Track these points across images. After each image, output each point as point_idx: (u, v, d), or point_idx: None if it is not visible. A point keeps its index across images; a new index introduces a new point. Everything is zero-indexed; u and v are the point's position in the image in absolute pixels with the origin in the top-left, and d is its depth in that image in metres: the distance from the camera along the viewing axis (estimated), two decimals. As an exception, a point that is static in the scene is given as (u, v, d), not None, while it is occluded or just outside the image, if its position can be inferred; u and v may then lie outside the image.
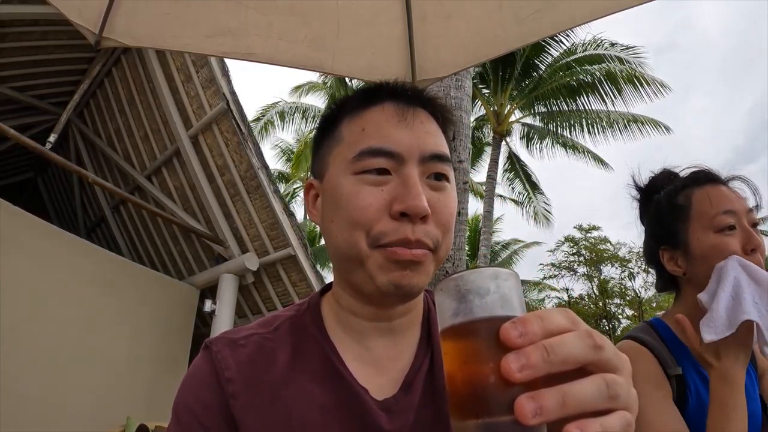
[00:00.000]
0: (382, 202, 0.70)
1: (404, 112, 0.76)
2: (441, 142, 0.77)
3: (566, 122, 14.20)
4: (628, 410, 0.41)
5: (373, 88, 0.81)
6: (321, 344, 0.78)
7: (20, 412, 4.41)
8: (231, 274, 6.52)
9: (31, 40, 6.09)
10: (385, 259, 0.69)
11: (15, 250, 4.77)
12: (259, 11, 1.79)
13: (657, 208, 1.27)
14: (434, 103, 0.81)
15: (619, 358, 0.43)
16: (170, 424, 0.76)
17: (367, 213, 0.70)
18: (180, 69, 6.15)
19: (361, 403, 0.72)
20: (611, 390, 0.40)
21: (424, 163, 0.73)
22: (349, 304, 0.79)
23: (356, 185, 0.72)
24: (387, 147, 0.72)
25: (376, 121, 0.76)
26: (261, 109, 17.50)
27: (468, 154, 3.61)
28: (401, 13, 1.88)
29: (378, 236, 0.69)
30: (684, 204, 1.20)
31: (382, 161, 0.72)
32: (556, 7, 1.70)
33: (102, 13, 1.63)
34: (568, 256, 24.90)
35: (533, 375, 0.39)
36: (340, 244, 0.73)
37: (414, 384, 0.75)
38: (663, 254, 1.24)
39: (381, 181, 0.71)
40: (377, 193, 0.71)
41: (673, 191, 1.25)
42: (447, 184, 0.75)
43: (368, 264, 0.70)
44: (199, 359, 0.79)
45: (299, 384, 0.74)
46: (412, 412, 0.73)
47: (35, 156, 7.32)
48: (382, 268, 0.69)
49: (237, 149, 6.01)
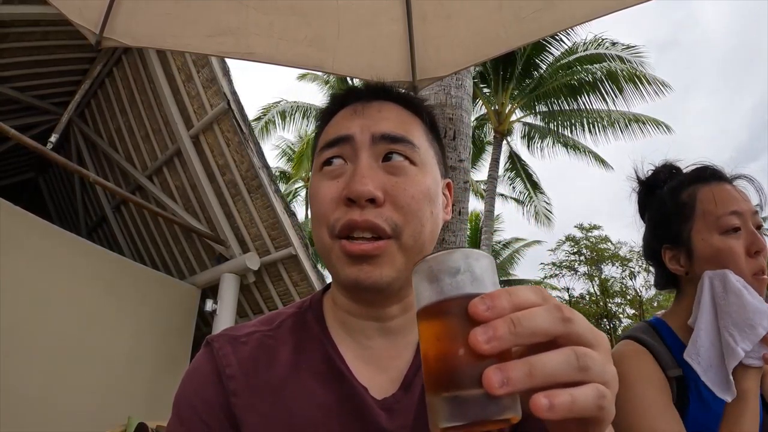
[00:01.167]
0: (337, 192, 0.72)
1: (361, 105, 0.79)
2: (400, 125, 0.77)
3: (567, 121, 14.20)
4: (604, 385, 0.41)
5: (341, 93, 0.84)
6: (322, 343, 0.78)
7: (21, 412, 4.41)
8: (232, 273, 6.52)
9: (32, 40, 6.09)
10: (342, 252, 0.70)
11: (16, 249, 4.77)
12: (259, 11, 1.79)
13: (660, 205, 1.24)
14: (395, 92, 0.83)
15: (594, 334, 0.43)
16: (171, 420, 0.76)
17: (324, 204, 0.73)
18: (181, 69, 6.15)
19: (362, 402, 0.72)
20: (581, 362, 0.40)
21: (375, 144, 0.74)
22: (344, 303, 0.79)
23: (320, 181, 0.75)
24: (338, 134, 0.75)
25: (337, 120, 0.80)
26: (262, 108, 17.53)
27: (468, 153, 3.60)
28: (401, 13, 1.88)
29: (333, 225, 0.71)
30: (688, 202, 1.17)
31: (335, 150, 0.75)
32: (557, 6, 1.70)
33: (102, 13, 1.63)
34: (568, 255, 24.91)
35: (500, 347, 0.39)
36: (315, 239, 0.77)
37: (413, 383, 0.75)
38: (665, 253, 1.21)
39: (338, 173, 0.74)
40: (334, 185, 0.73)
41: (677, 187, 1.21)
42: (409, 167, 0.75)
43: (332, 257, 0.72)
44: (200, 356, 0.79)
45: (300, 382, 0.74)
46: (411, 411, 0.73)
47: (36, 156, 7.32)
48: (341, 262, 0.71)
49: (238, 149, 6.01)
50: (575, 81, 13.14)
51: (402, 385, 0.75)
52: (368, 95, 0.81)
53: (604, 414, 0.41)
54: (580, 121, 13.96)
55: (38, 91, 7.22)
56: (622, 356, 1.14)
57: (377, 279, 0.69)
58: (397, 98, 0.82)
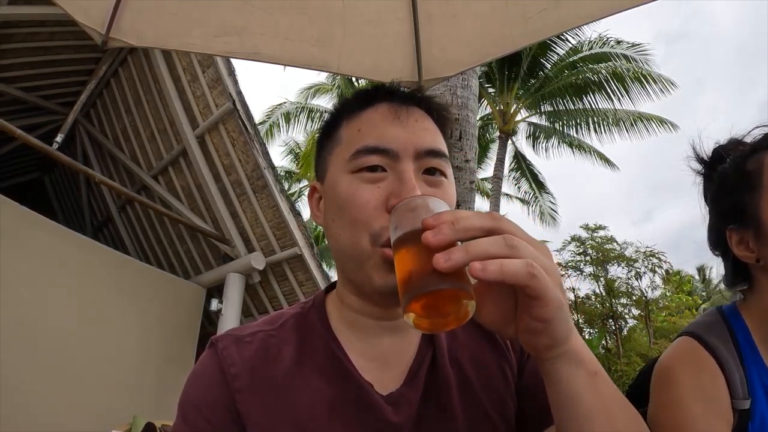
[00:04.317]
0: (380, 199, 0.72)
1: (398, 110, 0.78)
2: (437, 138, 0.79)
3: (572, 121, 14.17)
4: (537, 263, 0.50)
5: (369, 89, 0.84)
6: (326, 340, 0.79)
7: (27, 410, 4.43)
8: (237, 273, 6.52)
9: (37, 40, 6.11)
10: (383, 260, 0.70)
11: (22, 249, 4.79)
12: (265, 11, 1.79)
13: (722, 179, 1.04)
14: (429, 101, 0.83)
15: (526, 234, 0.53)
16: (176, 421, 0.76)
17: (366, 210, 0.72)
18: (186, 69, 6.16)
19: (368, 397, 0.73)
20: (509, 241, 0.50)
21: (419, 159, 0.75)
22: (353, 302, 0.80)
23: (353, 183, 0.74)
24: (381, 145, 0.74)
25: (372, 121, 0.78)
26: (267, 110, 17.52)
27: (474, 153, 3.60)
28: (407, 13, 1.88)
29: (379, 233, 0.71)
30: (754, 170, 0.96)
31: (376, 159, 0.74)
32: (563, 5, 1.69)
33: (108, 14, 1.64)
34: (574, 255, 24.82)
35: (444, 240, 0.50)
36: (343, 243, 0.75)
37: (417, 378, 0.77)
38: (731, 236, 0.99)
39: (377, 178, 0.74)
40: (374, 190, 0.73)
41: (740, 157, 1.01)
42: (444, 180, 0.77)
43: (367, 265, 0.72)
44: (204, 357, 0.80)
45: (305, 379, 0.75)
46: (415, 404, 0.74)
47: (42, 156, 7.34)
48: (380, 270, 0.71)
49: (243, 149, 6.01)
50: (580, 80, 13.12)
51: (406, 380, 0.76)
52: (403, 98, 0.81)
53: (538, 284, 0.49)
54: (585, 120, 13.93)
55: (44, 92, 7.25)
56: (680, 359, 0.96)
57: None
58: (428, 108, 0.83)
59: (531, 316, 0.53)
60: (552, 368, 0.57)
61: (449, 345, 0.82)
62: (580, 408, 0.57)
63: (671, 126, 13.54)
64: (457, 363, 0.80)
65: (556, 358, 0.56)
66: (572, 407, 0.58)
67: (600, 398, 0.58)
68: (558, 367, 0.57)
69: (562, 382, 0.57)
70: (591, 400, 0.57)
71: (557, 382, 0.57)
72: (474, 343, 0.84)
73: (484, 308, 0.56)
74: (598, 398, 0.58)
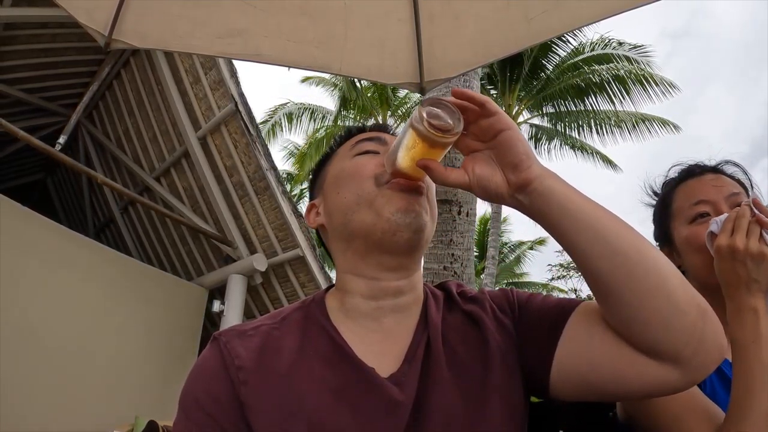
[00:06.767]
0: (378, 162, 0.86)
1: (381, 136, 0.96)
2: None
3: (574, 122, 14.15)
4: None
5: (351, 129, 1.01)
6: (327, 330, 0.82)
7: (28, 410, 4.44)
8: (239, 274, 6.53)
9: (40, 42, 6.14)
10: (391, 191, 0.81)
11: (24, 250, 4.81)
12: (267, 12, 1.79)
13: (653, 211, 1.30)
14: None
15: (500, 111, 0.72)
16: (177, 417, 0.77)
17: (369, 167, 0.86)
18: (188, 71, 6.17)
19: (372, 380, 0.75)
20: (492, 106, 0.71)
21: None
22: (357, 285, 0.85)
23: (354, 159, 0.90)
24: (374, 134, 0.95)
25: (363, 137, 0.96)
26: (269, 110, 17.50)
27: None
28: (409, 14, 1.87)
29: (381, 174, 0.84)
30: (669, 202, 1.23)
31: (374, 145, 0.91)
32: (565, 6, 1.69)
33: (111, 15, 1.64)
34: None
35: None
36: (349, 201, 0.84)
37: (415, 356, 0.79)
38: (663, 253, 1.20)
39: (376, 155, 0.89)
40: (376, 158, 0.88)
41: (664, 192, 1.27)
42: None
43: (378, 201, 0.81)
44: (207, 351, 0.81)
45: (309, 368, 0.77)
46: (415, 383, 0.76)
47: (45, 157, 7.38)
48: (389, 201, 0.80)
49: (245, 150, 6.02)
50: (582, 82, 13.10)
51: (405, 359, 0.79)
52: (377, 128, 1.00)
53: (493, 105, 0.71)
54: (588, 122, 13.92)
55: (47, 93, 7.27)
56: None
57: (420, 212, 0.81)
58: None
59: (500, 149, 0.71)
60: (541, 187, 0.70)
61: (441, 325, 0.84)
62: (577, 212, 0.70)
63: (673, 127, 13.53)
64: (447, 341, 0.82)
65: (540, 178, 0.70)
66: (569, 213, 0.70)
67: (588, 199, 0.71)
68: (546, 185, 0.70)
69: (555, 193, 0.70)
70: (581, 200, 0.70)
71: (549, 195, 0.70)
72: (461, 322, 0.86)
73: (477, 167, 0.74)
74: (587, 199, 0.71)
